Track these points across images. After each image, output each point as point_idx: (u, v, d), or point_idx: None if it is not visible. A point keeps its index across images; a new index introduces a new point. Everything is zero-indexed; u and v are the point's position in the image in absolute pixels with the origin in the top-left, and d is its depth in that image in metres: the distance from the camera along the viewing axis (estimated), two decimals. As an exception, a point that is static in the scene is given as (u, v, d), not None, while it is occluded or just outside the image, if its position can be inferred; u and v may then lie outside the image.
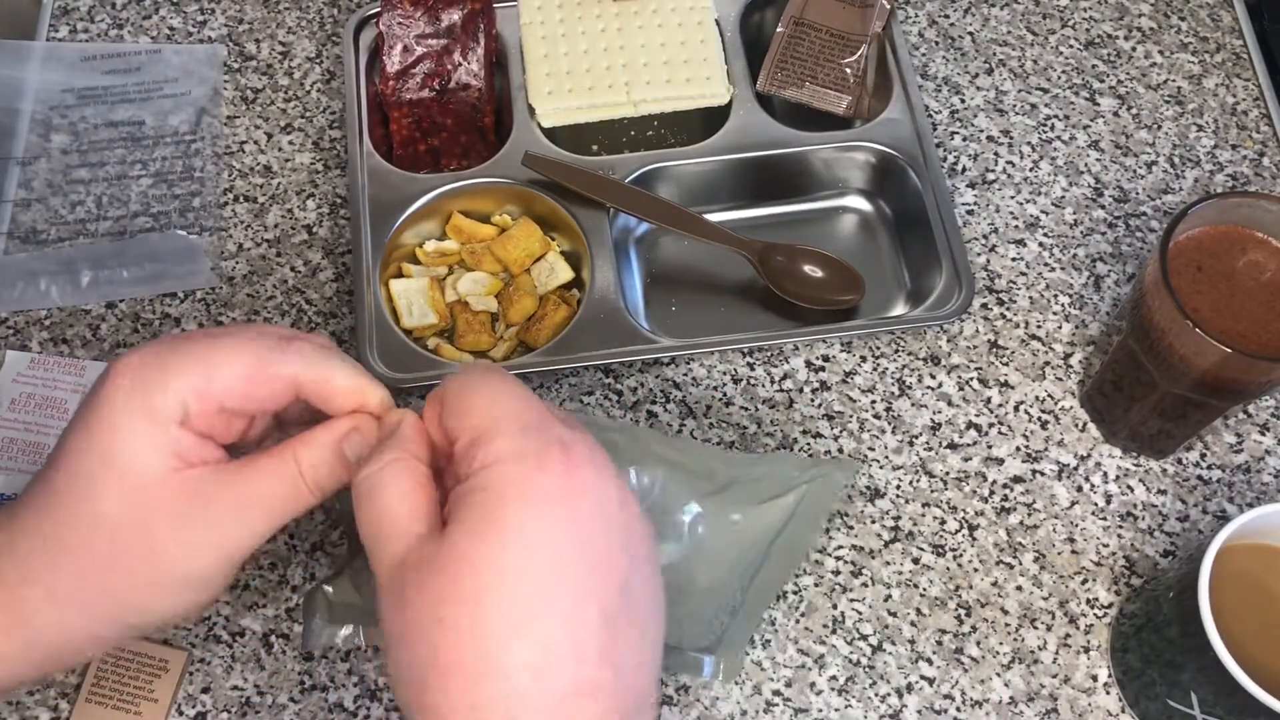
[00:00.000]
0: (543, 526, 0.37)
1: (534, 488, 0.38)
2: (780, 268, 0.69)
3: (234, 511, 0.42)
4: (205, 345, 0.42)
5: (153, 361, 0.42)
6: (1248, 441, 0.66)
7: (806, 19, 0.76)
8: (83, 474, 0.41)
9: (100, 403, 0.41)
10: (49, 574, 0.41)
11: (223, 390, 0.42)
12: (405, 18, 0.73)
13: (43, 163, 0.75)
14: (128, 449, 0.41)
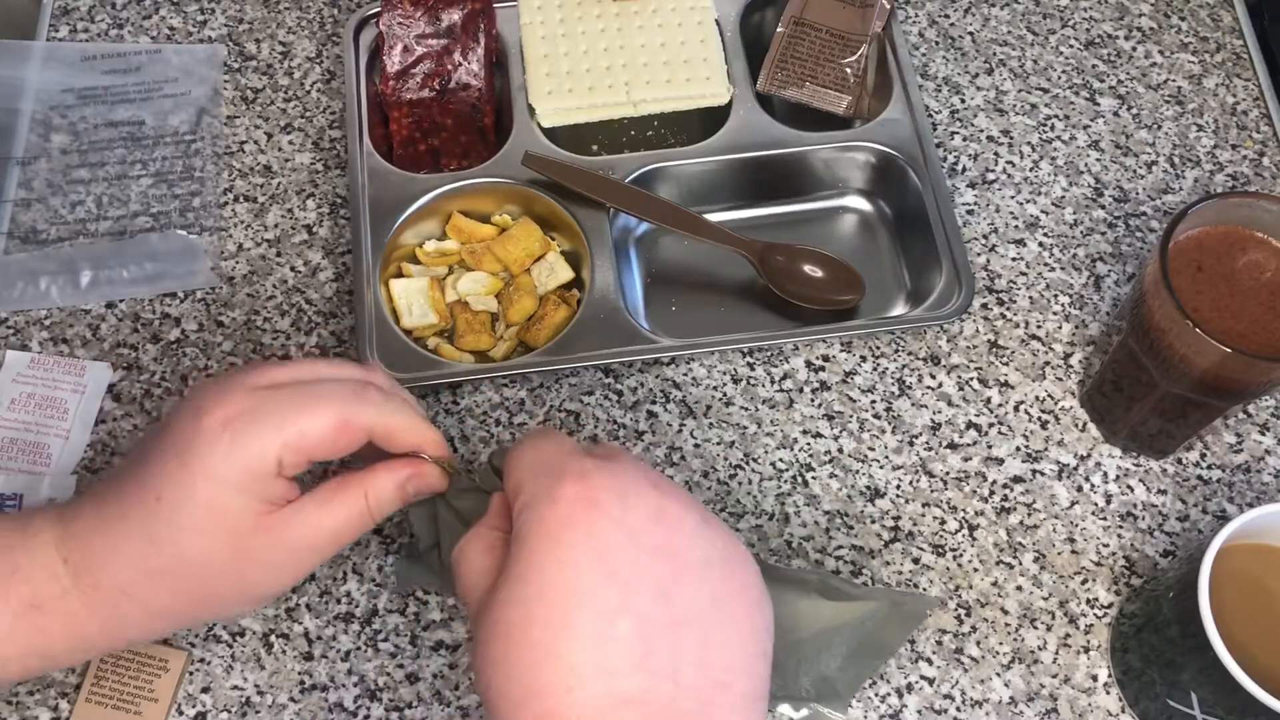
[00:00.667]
0: (557, 553, 0.40)
1: (548, 520, 0.41)
2: (780, 268, 0.69)
3: (313, 544, 0.48)
4: (296, 399, 0.46)
5: (250, 414, 0.46)
6: (1248, 441, 0.66)
7: (806, 19, 0.76)
8: (187, 523, 0.45)
9: (198, 456, 0.45)
10: (150, 595, 0.47)
11: (313, 445, 0.46)
12: (405, 18, 0.73)
13: (43, 162, 0.75)
14: (232, 505, 0.45)
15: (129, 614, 0.47)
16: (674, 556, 0.41)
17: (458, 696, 0.59)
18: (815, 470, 0.65)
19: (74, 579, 0.46)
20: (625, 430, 0.66)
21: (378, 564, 0.62)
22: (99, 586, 0.46)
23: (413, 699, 0.59)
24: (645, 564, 0.40)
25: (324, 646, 0.60)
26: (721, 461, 0.65)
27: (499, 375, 0.66)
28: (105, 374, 0.67)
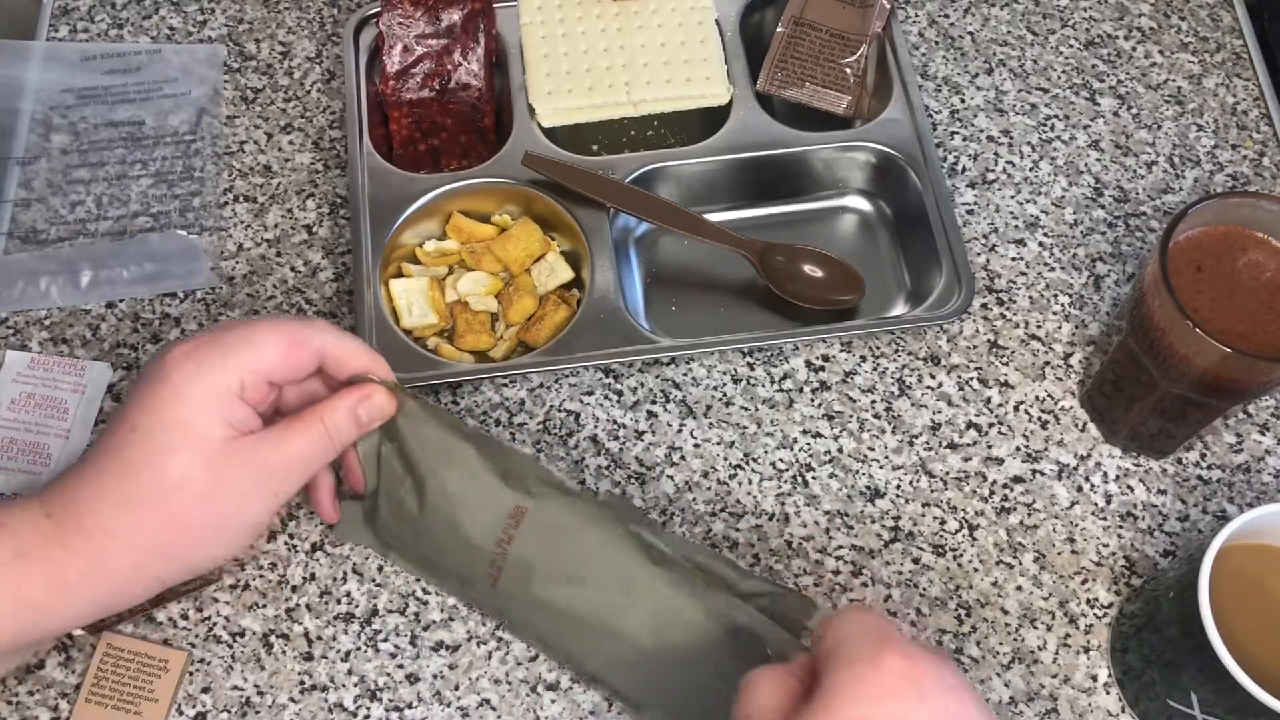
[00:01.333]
0: (863, 715, 0.41)
1: (867, 681, 0.41)
2: (780, 268, 0.69)
3: (282, 468, 0.51)
4: (247, 330, 0.51)
5: (208, 346, 0.50)
6: (1248, 441, 0.66)
7: (806, 19, 0.76)
8: (160, 444, 0.48)
9: (168, 382, 0.49)
10: (130, 529, 0.49)
11: (270, 365, 0.51)
12: (405, 18, 0.73)
13: (43, 162, 0.75)
14: (200, 421, 0.49)
15: (112, 558, 0.49)
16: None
17: (458, 696, 0.59)
18: (815, 470, 0.65)
19: (56, 527, 0.48)
20: (625, 430, 0.66)
21: (378, 564, 0.62)
22: (81, 528, 0.48)
23: (413, 699, 0.59)
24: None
25: (324, 646, 0.60)
26: (721, 461, 0.65)
27: (499, 375, 0.66)
28: (105, 374, 0.67)
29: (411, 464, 0.56)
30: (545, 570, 0.55)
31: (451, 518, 0.56)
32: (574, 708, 0.58)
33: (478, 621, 0.60)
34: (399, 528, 0.59)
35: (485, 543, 0.56)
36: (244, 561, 0.62)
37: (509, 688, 0.59)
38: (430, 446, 0.56)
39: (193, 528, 0.50)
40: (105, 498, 0.49)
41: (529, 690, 0.59)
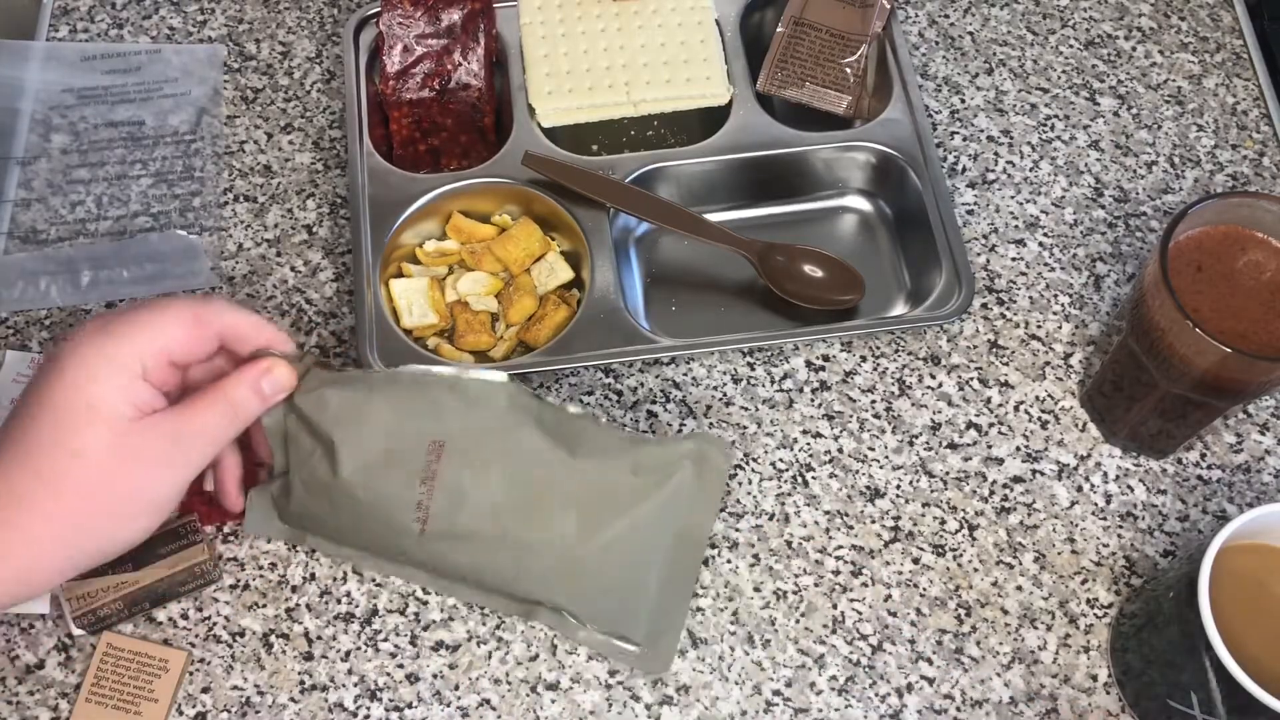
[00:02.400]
0: None
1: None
2: (780, 267, 0.69)
3: (189, 444, 0.52)
4: (148, 311, 0.51)
5: (110, 328, 0.50)
6: (1248, 441, 0.66)
7: (806, 19, 0.76)
8: (66, 422, 0.49)
9: (71, 363, 0.49)
10: (47, 499, 0.49)
11: (172, 345, 0.51)
12: (405, 18, 0.73)
13: (43, 163, 0.75)
14: (106, 398, 0.49)
15: (31, 526, 0.49)
16: None
17: (457, 696, 0.59)
18: (815, 470, 0.65)
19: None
20: (625, 430, 0.66)
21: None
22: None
23: (413, 699, 0.59)
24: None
25: (324, 646, 0.60)
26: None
27: (499, 375, 0.66)
28: (105, 374, 0.67)
29: (318, 432, 0.55)
30: (471, 492, 0.55)
31: (369, 475, 0.55)
32: (574, 708, 0.58)
33: (478, 621, 0.60)
34: (314, 502, 0.57)
35: (408, 490, 0.55)
36: (244, 561, 0.62)
37: (509, 687, 0.59)
38: (334, 409, 0.55)
39: (104, 502, 0.50)
40: (22, 469, 0.49)
41: (529, 690, 0.59)
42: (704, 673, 0.59)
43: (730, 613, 0.61)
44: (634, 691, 0.59)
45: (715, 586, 0.61)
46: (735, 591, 0.61)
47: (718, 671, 0.59)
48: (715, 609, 0.61)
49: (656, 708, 0.58)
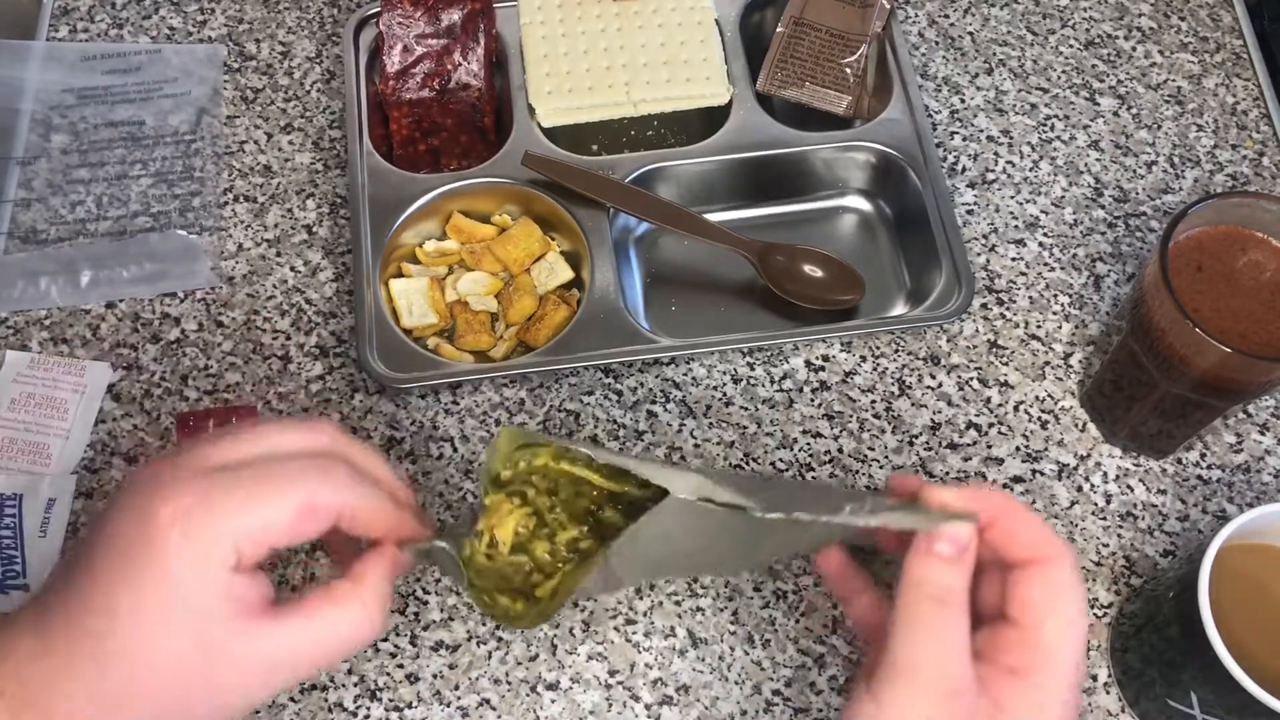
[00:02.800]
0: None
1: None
2: (780, 267, 0.69)
3: (301, 655, 0.42)
4: (254, 482, 0.41)
5: (203, 504, 0.40)
6: (1247, 441, 0.66)
7: (806, 19, 0.76)
8: (146, 631, 0.40)
9: (152, 554, 0.40)
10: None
11: (276, 533, 0.41)
12: (405, 18, 0.73)
13: (43, 162, 0.75)
14: (192, 602, 0.40)
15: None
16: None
17: (457, 696, 0.59)
18: (815, 470, 0.65)
19: (13, 715, 0.40)
20: (625, 430, 0.66)
21: (378, 564, 0.62)
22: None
23: (412, 699, 0.59)
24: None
25: (324, 646, 0.60)
26: (721, 461, 0.65)
27: (499, 375, 0.66)
28: (105, 374, 0.67)
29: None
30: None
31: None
32: (574, 708, 0.58)
33: (477, 621, 0.60)
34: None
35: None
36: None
37: (509, 687, 0.59)
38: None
39: (183, 711, 0.41)
40: (76, 696, 0.40)
41: (529, 690, 0.59)
42: (704, 673, 0.59)
43: (730, 613, 0.61)
44: (634, 691, 0.59)
45: (715, 586, 0.61)
46: (735, 591, 0.61)
47: (718, 671, 0.59)
48: (715, 609, 0.61)
49: (656, 707, 0.58)
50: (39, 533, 0.62)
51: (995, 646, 0.42)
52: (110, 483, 0.64)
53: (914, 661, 0.40)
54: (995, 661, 0.41)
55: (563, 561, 0.47)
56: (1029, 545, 0.42)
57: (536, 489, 0.48)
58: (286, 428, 0.44)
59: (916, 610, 0.41)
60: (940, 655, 0.40)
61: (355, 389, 0.67)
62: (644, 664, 0.59)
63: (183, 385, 0.67)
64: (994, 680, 0.41)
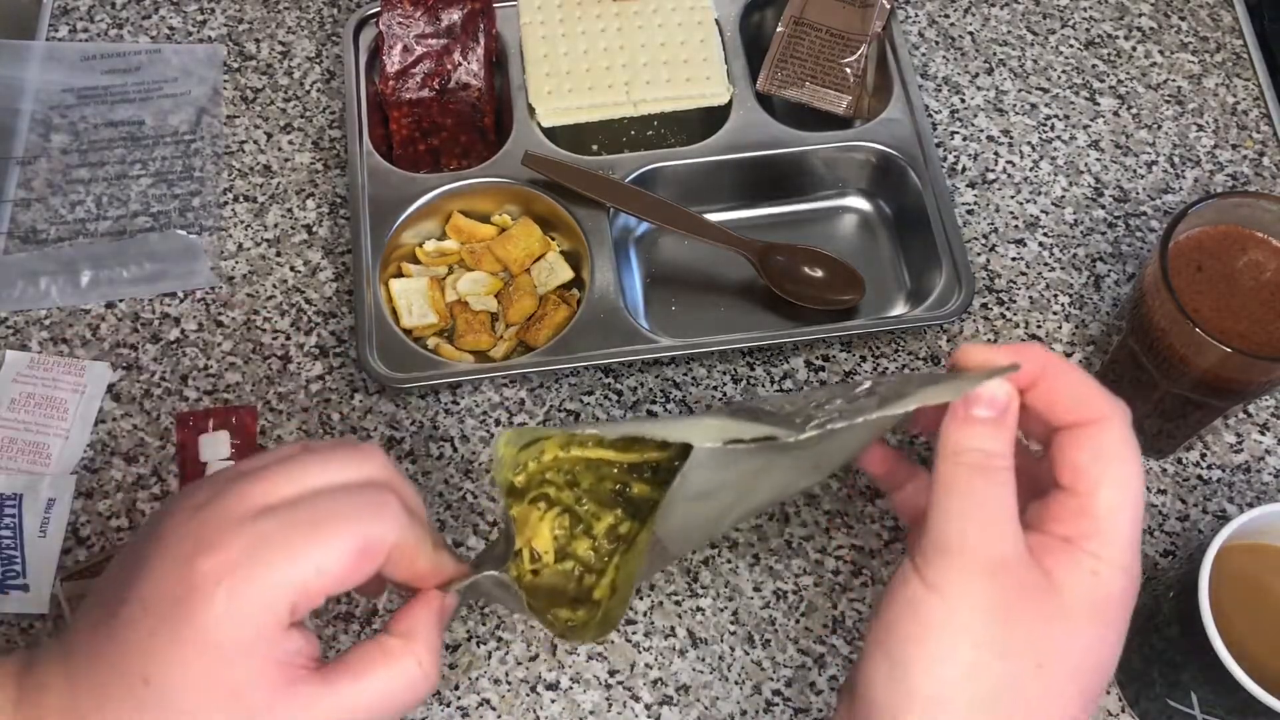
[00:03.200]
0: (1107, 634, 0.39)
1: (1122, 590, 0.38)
2: (780, 267, 0.69)
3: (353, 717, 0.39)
4: (305, 527, 0.37)
5: (251, 558, 0.36)
6: (1248, 441, 0.66)
7: (806, 19, 0.76)
8: (189, 704, 0.36)
9: (193, 619, 0.36)
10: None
11: (332, 581, 0.37)
12: (405, 17, 0.73)
13: (43, 162, 0.75)
14: (238, 676, 0.36)
15: None
16: None
17: (457, 697, 0.59)
18: (815, 470, 0.65)
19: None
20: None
21: (377, 564, 0.62)
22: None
23: (412, 699, 0.59)
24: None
25: (324, 647, 0.59)
26: (721, 461, 0.65)
27: (499, 375, 0.66)
28: (105, 374, 0.67)
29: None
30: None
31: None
32: (574, 708, 0.58)
33: (477, 621, 0.60)
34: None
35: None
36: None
37: (509, 687, 0.59)
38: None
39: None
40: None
41: (529, 690, 0.59)
42: (704, 673, 0.59)
43: (730, 613, 0.61)
44: (634, 691, 0.59)
45: (715, 586, 0.61)
46: (735, 591, 0.61)
47: (718, 671, 0.59)
48: (715, 609, 0.61)
49: (656, 708, 0.58)
50: (39, 533, 0.62)
51: (1047, 516, 0.38)
52: (110, 483, 0.64)
53: (960, 537, 0.37)
54: (1047, 531, 0.38)
55: (608, 554, 0.44)
56: (1076, 405, 0.38)
57: (557, 486, 0.45)
58: (332, 457, 0.40)
59: (957, 482, 0.38)
60: (987, 528, 0.37)
61: (355, 389, 0.67)
62: (644, 664, 0.59)
63: (182, 385, 0.67)
64: (1047, 551, 0.37)
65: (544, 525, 0.44)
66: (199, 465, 0.64)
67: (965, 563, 0.37)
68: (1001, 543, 0.37)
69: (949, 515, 0.37)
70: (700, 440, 0.38)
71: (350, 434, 0.66)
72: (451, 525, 0.63)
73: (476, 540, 0.63)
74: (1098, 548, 0.37)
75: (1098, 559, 0.37)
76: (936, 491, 0.38)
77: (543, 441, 0.44)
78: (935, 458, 0.38)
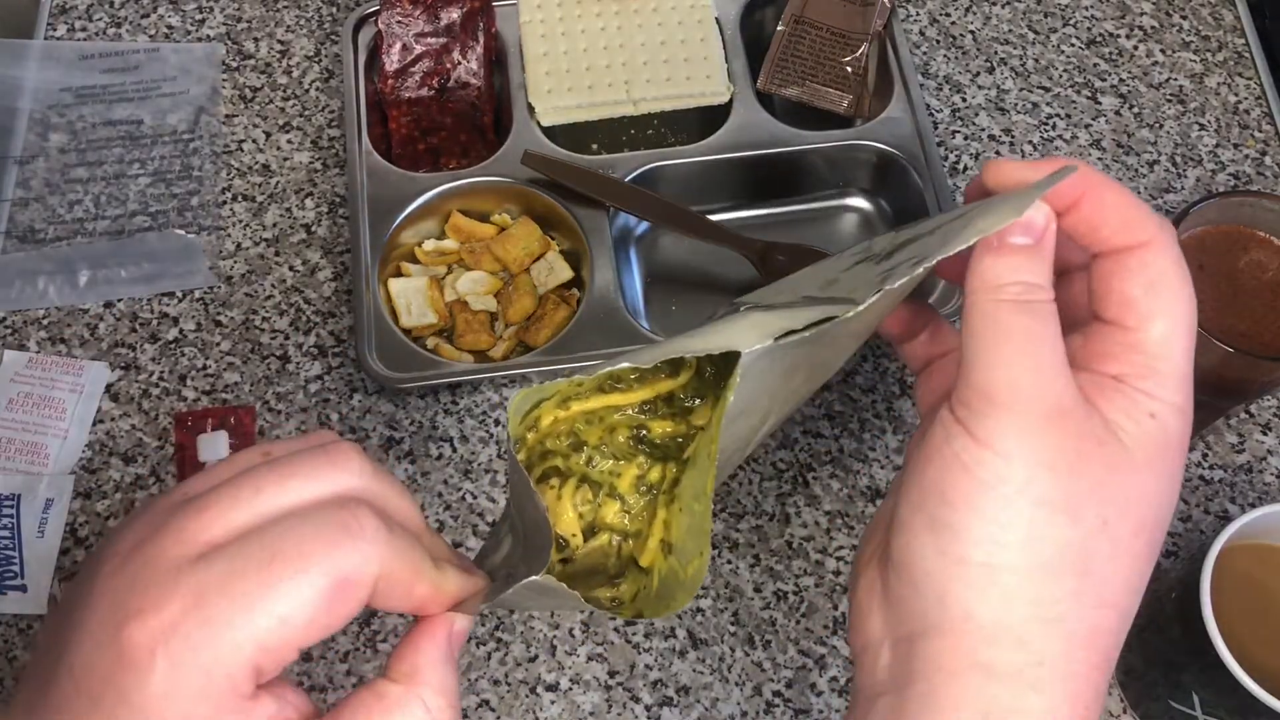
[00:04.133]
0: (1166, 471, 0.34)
1: (1175, 431, 0.34)
2: (781, 267, 0.69)
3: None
4: (260, 573, 0.30)
5: (193, 613, 0.29)
6: (1249, 442, 0.66)
7: (807, 17, 0.76)
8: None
9: (130, 694, 0.29)
10: None
11: (299, 629, 0.30)
12: (404, 16, 0.73)
13: (41, 162, 0.74)
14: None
15: None
16: None
17: (457, 697, 0.58)
18: (815, 470, 0.64)
19: None
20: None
21: (376, 564, 0.61)
22: None
23: (412, 700, 0.58)
24: None
25: (322, 647, 0.60)
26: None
27: (498, 375, 0.66)
28: (103, 374, 0.67)
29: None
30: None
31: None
32: (573, 708, 0.58)
33: (476, 622, 0.60)
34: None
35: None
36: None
37: (508, 688, 0.59)
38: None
39: None
40: None
41: (528, 691, 0.58)
42: (704, 674, 0.59)
43: (730, 613, 0.60)
44: (634, 692, 0.59)
45: (715, 587, 0.61)
46: (735, 592, 0.61)
47: (718, 672, 0.59)
48: (715, 610, 0.61)
49: (656, 709, 0.58)
50: (36, 533, 0.62)
51: (1093, 353, 0.34)
52: (108, 483, 0.64)
53: (1010, 385, 0.32)
54: (1095, 370, 0.34)
55: (644, 511, 0.38)
56: (1122, 227, 0.34)
57: (562, 454, 0.38)
58: (294, 469, 0.33)
59: (999, 321, 0.33)
60: (1041, 372, 0.32)
61: (354, 389, 0.67)
62: (644, 665, 0.59)
63: (181, 385, 0.67)
64: (1100, 393, 0.33)
65: (564, 505, 0.38)
66: (197, 465, 0.64)
67: (1020, 413, 0.32)
68: (1058, 388, 0.32)
69: (995, 360, 0.33)
70: (747, 344, 0.33)
71: (348, 434, 0.65)
72: (451, 526, 0.63)
73: (476, 541, 0.63)
74: (1153, 387, 0.33)
75: (1155, 399, 0.33)
76: (975, 334, 0.33)
77: (544, 403, 0.37)
78: (966, 297, 0.34)
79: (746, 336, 0.33)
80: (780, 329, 0.33)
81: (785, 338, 0.33)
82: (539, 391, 0.36)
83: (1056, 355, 0.33)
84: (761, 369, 0.34)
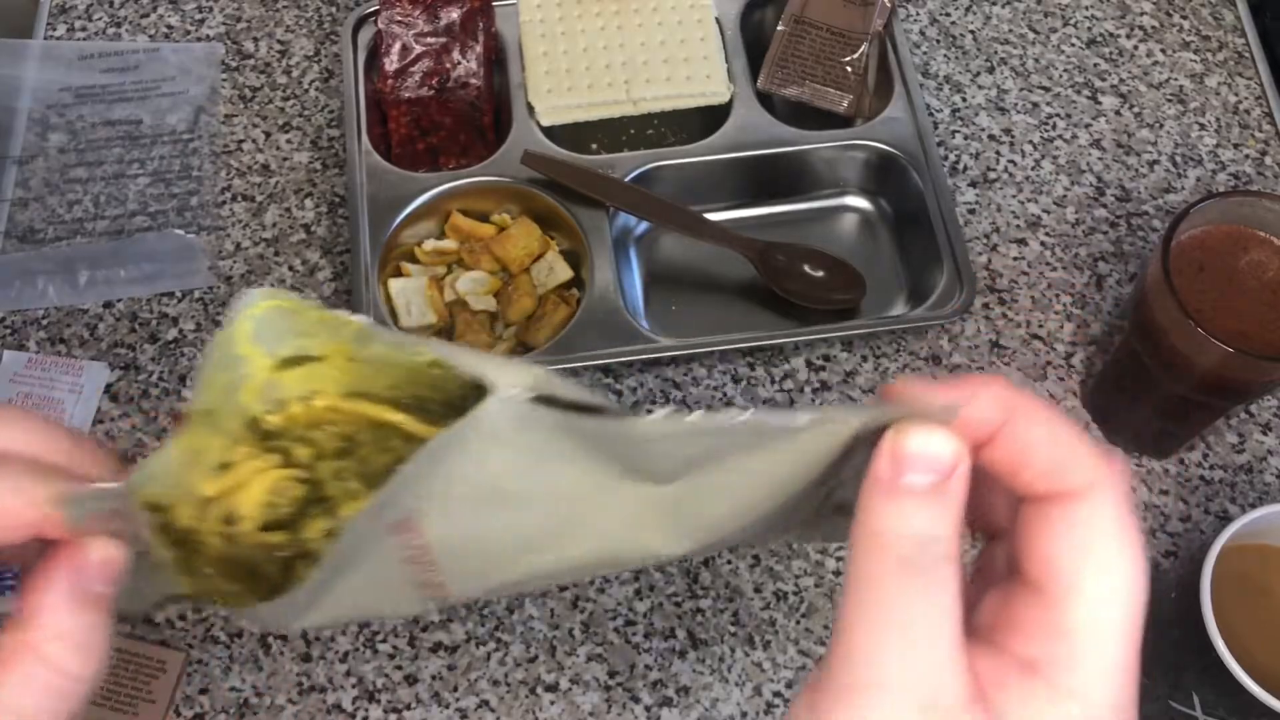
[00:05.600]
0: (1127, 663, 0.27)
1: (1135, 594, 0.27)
2: (781, 267, 0.69)
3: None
4: None
5: None
6: (1250, 442, 0.66)
7: (807, 17, 0.76)
8: None
9: None
10: None
11: None
12: (404, 16, 0.73)
13: (40, 161, 0.74)
14: None
15: None
16: None
17: (456, 698, 0.58)
18: (815, 470, 0.64)
19: None
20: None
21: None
22: None
23: (411, 700, 0.58)
24: None
25: (322, 647, 0.60)
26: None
27: (498, 375, 0.66)
28: (103, 374, 0.67)
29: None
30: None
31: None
32: (573, 709, 0.58)
33: (476, 623, 0.60)
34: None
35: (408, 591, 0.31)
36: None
37: (508, 689, 0.59)
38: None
39: None
40: None
41: (528, 691, 0.58)
42: (704, 674, 0.59)
43: (730, 614, 0.60)
44: (634, 693, 0.59)
45: (715, 588, 0.61)
46: (735, 592, 0.61)
47: (718, 673, 0.59)
48: (715, 610, 0.60)
49: (656, 709, 0.58)
50: (36, 533, 0.62)
51: (1009, 623, 0.27)
52: (108, 483, 0.64)
53: (875, 670, 0.26)
54: (1003, 648, 0.27)
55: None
56: (1053, 468, 0.27)
57: (320, 451, 0.31)
58: None
59: (879, 582, 0.26)
60: (915, 655, 0.25)
61: (354, 389, 0.67)
62: (644, 665, 0.59)
63: (180, 385, 0.67)
64: (999, 679, 0.26)
65: (256, 483, 0.31)
66: (197, 465, 0.64)
67: (885, 706, 0.25)
68: (934, 679, 0.26)
69: (865, 637, 0.26)
70: (506, 380, 0.26)
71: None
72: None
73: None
74: (1073, 682, 0.26)
75: (1072, 699, 0.26)
76: (848, 594, 0.26)
77: (315, 368, 0.30)
78: (850, 538, 0.27)
79: (513, 376, 0.26)
80: (545, 391, 0.26)
81: (541, 401, 0.26)
82: (297, 307, 0.29)
83: (942, 634, 0.26)
84: (508, 436, 0.26)
